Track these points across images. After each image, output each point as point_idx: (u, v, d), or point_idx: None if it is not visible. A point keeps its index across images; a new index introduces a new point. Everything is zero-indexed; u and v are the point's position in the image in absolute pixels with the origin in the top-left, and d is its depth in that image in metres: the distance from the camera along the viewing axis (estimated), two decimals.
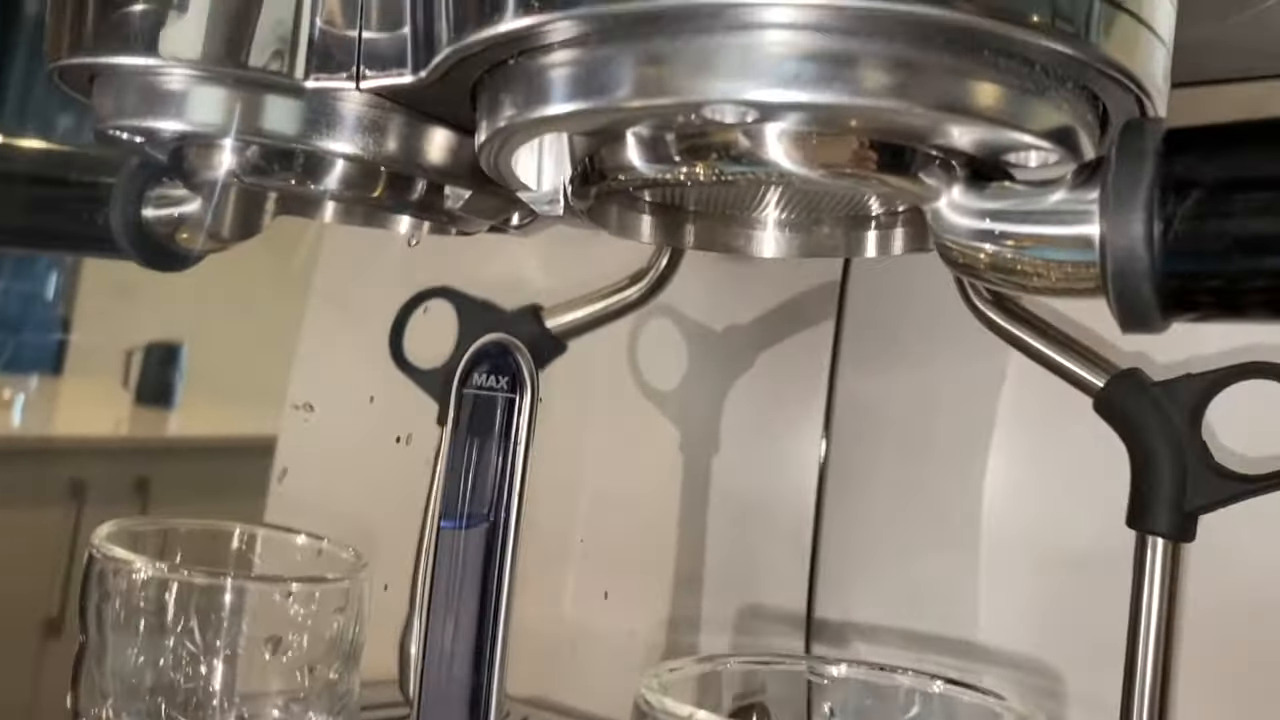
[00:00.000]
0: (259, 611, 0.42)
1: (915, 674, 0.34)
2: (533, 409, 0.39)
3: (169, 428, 1.12)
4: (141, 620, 0.41)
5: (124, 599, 0.41)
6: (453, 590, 0.39)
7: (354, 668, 0.44)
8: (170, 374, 1.00)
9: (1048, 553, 0.52)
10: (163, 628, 0.41)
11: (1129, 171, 0.26)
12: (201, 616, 0.41)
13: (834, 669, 0.35)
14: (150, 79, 0.35)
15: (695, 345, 0.63)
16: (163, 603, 0.41)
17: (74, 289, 0.91)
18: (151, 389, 1.07)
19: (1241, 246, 0.25)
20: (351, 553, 0.45)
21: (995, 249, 0.28)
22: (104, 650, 0.42)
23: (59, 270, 0.85)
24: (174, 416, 1.05)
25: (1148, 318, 0.27)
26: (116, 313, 0.91)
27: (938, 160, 0.28)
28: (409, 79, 0.30)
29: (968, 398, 0.54)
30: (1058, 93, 0.27)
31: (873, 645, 0.54)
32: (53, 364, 0.94)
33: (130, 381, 1.05)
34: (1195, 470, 0.43)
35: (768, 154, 0.27)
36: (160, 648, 0.41)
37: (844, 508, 0.58)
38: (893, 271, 0.57)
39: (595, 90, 0.26)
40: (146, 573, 0.40)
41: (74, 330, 1.02)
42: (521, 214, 0.40)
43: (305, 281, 0.61)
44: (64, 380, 0.98)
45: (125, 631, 0.41)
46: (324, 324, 0.55)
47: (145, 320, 0.82)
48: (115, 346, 0.93)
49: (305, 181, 0.37)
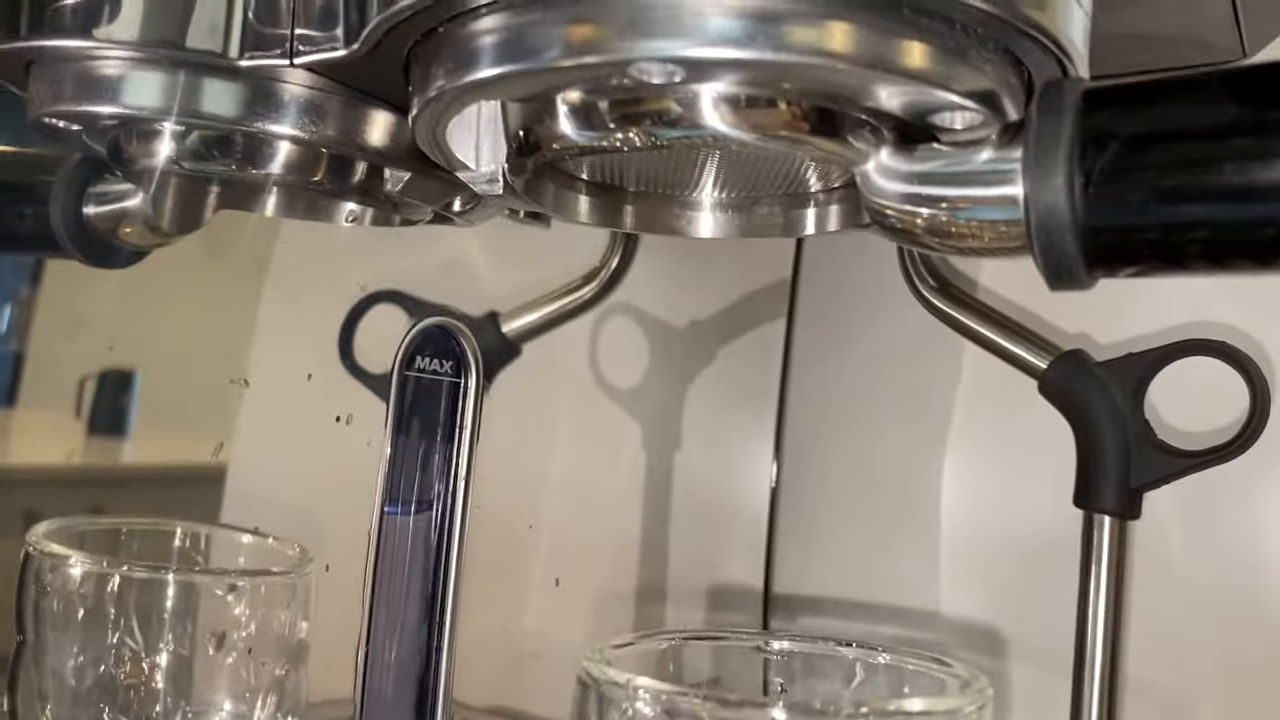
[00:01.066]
0: (203, 607, 0.41)
1: (860, 646, 0.34)
2: (478, 393, 0.38)
3: (123, 456, 1.11)
4: (81, 618, 0.40)
5: (62, 596, 0.40)
6: (397, 578, 0.39)
7: (301, 664, 0.43)
8: (123, 402, 0.99)
9: (1001, 534, 0.52)
10: (103, 625, 0.41)
11: (1049, 128, 0.26)
12: (143, 613, 0.41)
13: (780, 643, 0.35)
14: (86, 64, 0.35)
15: (655, 342, 0.63)
16: (103, 599, 0.40)
17: (28, 322, 0.90)
18: (105, 417, 1.06)
19: (1160, 196, 0.25)
20: (297, 549, 0.45)
21: (927, 212, 0.29)
22: (43, 650, 0.41)
23: (12, 304, 0.84)
24: (127, 444, 1.05)
25: (1074, 273, 0.27)
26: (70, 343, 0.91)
27: (866, 124, 0.29)
28: (342, 52, 0.30)
29: (918, 385, 0.55)
30: (979, 53, 0.27)
31: (832, 621, 0.55)
32: (5, 397, 0.92)
33: (83, 410, 1.04)
34: (1139, 448, 0.44)
35: (700, 117, 0.28)
36: (101, 646, 0.41)
37: (799, 501, 0.58)
38: (843, 264, 0.58)
39: (523, 54, 0.27)
40: (85, 568, 0.40)
41: (28, 362, 1.01)
42: (463, 199, 0.40)
43: (257, 302, 0.61)
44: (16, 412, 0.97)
45: (64, 630, 0.40)
46: (265, 306, 0.55)
47: (99, 349, 0.81)
48: (69, 376, 0.92)
49: (246, 166, 0.37)
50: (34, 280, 0.83)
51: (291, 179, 0.37)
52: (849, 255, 0.57)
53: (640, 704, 0.28)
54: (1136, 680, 0.44)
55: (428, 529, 0.39)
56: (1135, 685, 0.44)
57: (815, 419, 0.58)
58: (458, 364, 0.38)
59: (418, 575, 0.39)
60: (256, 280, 0.51)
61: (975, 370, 0.53)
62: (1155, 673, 0.47)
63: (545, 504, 0.63)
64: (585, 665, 0.30)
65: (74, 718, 0.41)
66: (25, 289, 0.87)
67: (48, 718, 0.41)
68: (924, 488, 0.53)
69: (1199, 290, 0.47)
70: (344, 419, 0.41)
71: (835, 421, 0.58)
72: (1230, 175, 0.25)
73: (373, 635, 0.39)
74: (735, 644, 0.35)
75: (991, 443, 0.53)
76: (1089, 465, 0.45)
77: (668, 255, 0.61)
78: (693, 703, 0.28)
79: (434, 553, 0.39)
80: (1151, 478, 0.44)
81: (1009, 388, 0.49)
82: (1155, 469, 0.43)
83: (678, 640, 0.34)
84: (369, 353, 0.59)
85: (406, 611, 0.39)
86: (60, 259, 0.46)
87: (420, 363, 0.38)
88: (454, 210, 0.40)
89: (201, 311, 0.67)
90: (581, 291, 0.61)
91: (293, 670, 0.43)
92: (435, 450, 0.39)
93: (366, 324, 0.60)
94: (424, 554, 0.39)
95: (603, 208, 0.37)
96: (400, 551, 0.39)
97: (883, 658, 0.33)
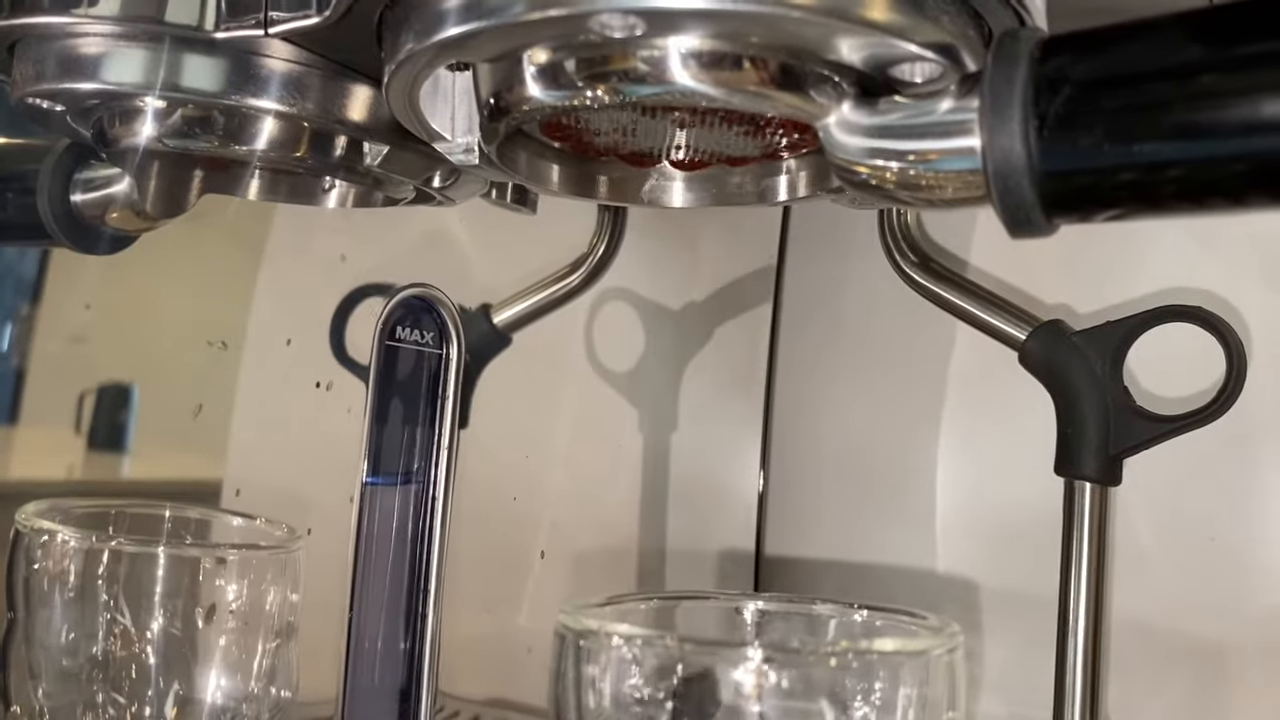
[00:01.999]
0: (192, 582, 0.42)
1: (834, 603, 0.34)
2: (459, 364, 0.39)
3: (122, 470, 1.12)
4: (71, 594, 0.41)
5: (52, 572, 0.40)
6: (381, 550, 0.39)
7: (292, 639, 0.44)
8: (122, 416, 1.00)
9: (985, 505, 0.52)
10: (94, 601, 0.41)
11: (1003, 75, 0.26)
12: (133, 588, 0.41)
13: (756, 603, 0.35)
14: (67, 42, 0.35)
15: (649, 326, 0.63)
16: (93, 575, 0.40)
17: (28, 340, 0.91)
18: (104, 432, 1.07)
19: (1112, 137, 0.26)
20: (285, 529, 0.45)
21: (892, 164, 0.29)
22: (33, 627, 0.41)
23: (13, 322, 0.85)
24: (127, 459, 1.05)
25: (1032, 218, 0.28)
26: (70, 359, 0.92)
27: (828, 79, 0.29)
28: (315, 19, 0.31)
29: (901, 360, 0.55)
30: (938, 4, 0.28)
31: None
32: (7, 414, 0.93)
33: (83, 425, 1.05)
34: (1118, 414, 0.44)
35: (665, 74, 0.28)
36: (92, 622, 0.41)
37: (789, 477, 0.58)
38: (826, 244, 0.58)
39: (488, 11, 0.27)
40: (75, 543, 0.40)
41: (29, 379, 1.02)
42: (443, 173, 0.41)
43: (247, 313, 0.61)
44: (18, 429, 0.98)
45: (55, 606, 0.41)
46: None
47: (97, 364, 0.82)
48: (69, 392, 0.93)
49: (228, 143, 0.37)
50: (34, 298, 0.84)
51: (274, 155, 0.38)
52: (833, 237, 0.58)
53: (617, 651, 0.29)
54: (1119, 645, 0.44)
55: (411, 501, 0.39)
56: (1118, 651, 0.44)
57: (803, 396, 0.58)
58: (439, 334, 0.38)
59: (402, 547, 0.40)
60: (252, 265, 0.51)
61: (957, 344, 0.53)
62: (1137, 640, 0.47)
63: (543, 488, 0.64)
64: (561, 618, 0.30)
65: (65, 694, 0.42)
66: (26, 306, 0.88)
67: (39, 695, 0.42)
68: (909, 460, 0.54)
69: (1176, 257, 0.47)
70: (324, 385, 0.41)
71: (822, 398, 0.58)
72: (1188, 114, 0.25)
73: (356, 607, 0.40)
74: (713, 604, 0.35)
75: (975, 415, 0.54)
76: (1069, 433, 0.45)
77: (655, 240, 0.62)
78: (668, 646, 0.28)
79: (418, 524, 0.40)
80: (1131, 443, 0.44)
81: (990, 360, 0.49)
82: (1134, 435, 0.44)
83: (656, 601, 0.35)
84: (358, 344, 0.59)
85: (390, 582, 0.40)
86: (46, 246, 0.47)
87: (401, 333, 0.38)
88: (434, 186, 0.41)
89: (197, 323, 0.68)
90: (570, 279, 0.61)
91: (284, 645, 0.43)
92: (418, 421, 0.39)
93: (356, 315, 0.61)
94: (408, 526, 0.40)
95: (576, 177, 0.37)
96: (385, 523, 0.39)
97: (858, 614, 0.34)
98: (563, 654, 0.30)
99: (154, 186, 0.43)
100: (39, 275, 0.79)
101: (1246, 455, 0.47)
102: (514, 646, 0.66)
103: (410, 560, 0.40)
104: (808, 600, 0.34)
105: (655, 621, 0.34)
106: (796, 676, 0.27)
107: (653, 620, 0.34)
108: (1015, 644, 0.50)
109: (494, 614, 0.66)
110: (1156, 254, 0.48)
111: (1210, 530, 0.48)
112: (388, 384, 0.38)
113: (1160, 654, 0.47)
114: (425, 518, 0.40)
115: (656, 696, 0.28)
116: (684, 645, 0.28)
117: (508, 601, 0.66)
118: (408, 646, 0.40)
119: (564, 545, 0.64)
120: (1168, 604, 0.48)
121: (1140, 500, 0.47)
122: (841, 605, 0.34)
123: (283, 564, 0.43)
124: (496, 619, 0.66)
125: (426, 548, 0.40)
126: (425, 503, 0.40)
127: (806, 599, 0.35)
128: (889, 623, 0.33)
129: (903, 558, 0.54)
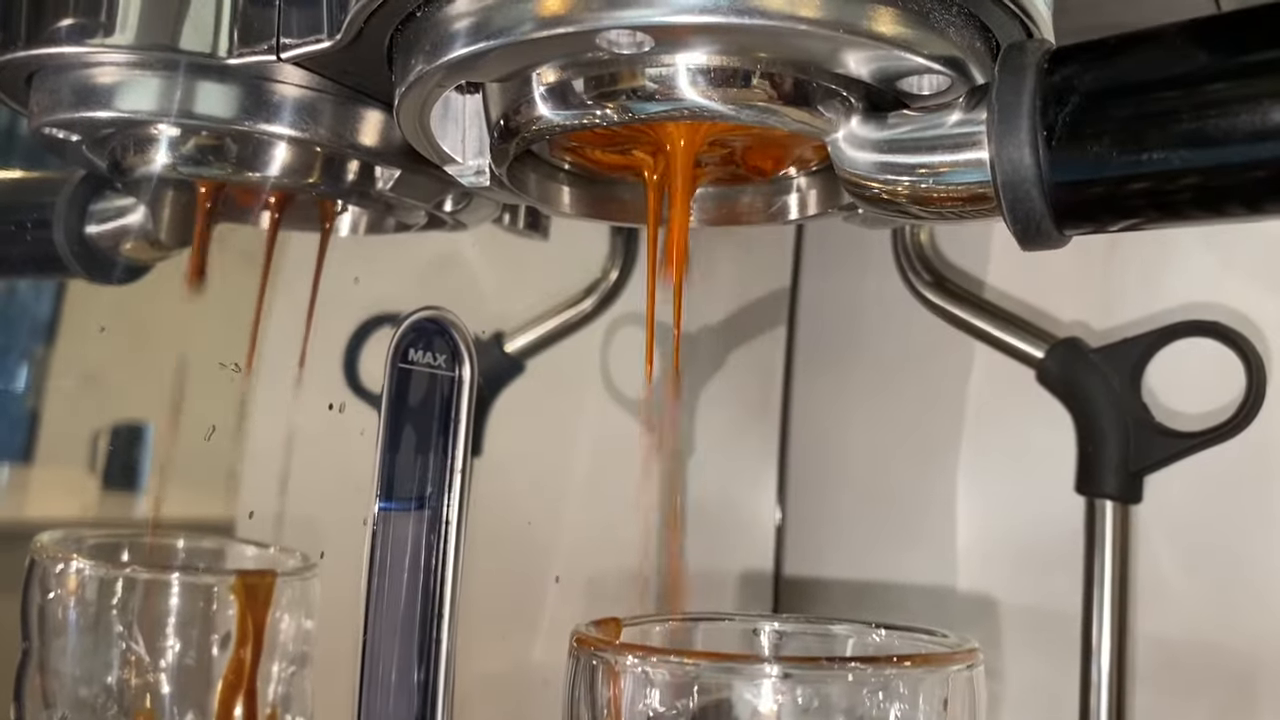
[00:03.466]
0: (207, 610, 0.41)
1: (852, 623, 0.34)
2: (472, 385, 0.39)
3: (136, 510, 1.12)
4: (85, 622, 0.40)
5: (67, 600, 0.40)
6: (395, 575, 0.39)
7: (307, 666, 0.43)
8: (137, 455, 1.00)
9: (1005, 524, 0.52)
10: (109, 629, 0.41)
11: (1011, 86, 0.26)
12: (148, 616, 0.41)
13: (773, 624, 0.34)
14: (83, 72, 0.36)
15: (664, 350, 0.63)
16: (107, 602, 0.40)
17: (43, 380, 0.92)
18: (118, 471, 1.08)
19: (1121, 147, 0.26)
20: (300, 557, 0.45)
21: (900, 179, 0.29)
22: (47, 656, 0.41)
23: (29, 363, 0.86)
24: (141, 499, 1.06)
25: (1043, 229, 0.27)
26: (83, 398, 0.92)
27: (836, 94, 0.29)
28: (326, 44, 0.31)
29: (917, 379, 0.55)
30: (945, 16, 0.28)
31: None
32: (23, 453, 0.94)
33: (97, 464, 1.05)
34: (1138, 431, 0.44)
35: (673, 91, 0.28)
36: (107, 650, 0.41)
37: (806, 500, 0.58)
38: (840, 266, 0.58)
39: (496, 30, 0.27)
40: (90, 571, 0.40)
41: (43, 419, 1.02)
42: (455, 197, 0.41)
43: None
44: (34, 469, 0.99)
45: (69, 634, 0.41)
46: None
47: (110, 403, 0.83)
48: (82, 431, 0.94)
49: (242, 170, 0.38)
50: (48, 338, 0.84)
51: (287, 182, 0.38)
52: (847, 258, 0.58)
53: (633, 671, 0.28)
54: (1144, 665, 0.43)
55: (425, 526, 0.39)
56: (1143, 670, 0.43)
57: (820, 417, 0.58)
58: (452, 356, 0.38)
59: (415, 574, 0.40)
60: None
61: (974, 363, 0.53)
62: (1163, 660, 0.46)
63: (558, 514, 0.63)
64: (576, 635, 0.30)
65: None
66: (40, 347, 0.89)
67: None
68: (928, 480, 0.53)
69: (1194, 273, 0.47)
70: (337, 407, 0.41)
71: (839, 418, 0.58)
72: (1196, 122, 0.25)
73: (369, 635, 0.39)
74: (730, 625, 0.35)
75: (993, 434, 0.53)
76: (1089, 451, 0.45)
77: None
78: (685, 665, 0.28)
79: (432, 550, 0.39)
80: (1151, 460, 0.44)
81: (1007, 379, 0.49)
82: (1154, 451, 0.43)
83: (673, 622, 0.34)
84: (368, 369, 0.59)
85: (404, 609, 0.40)
86: (59, 279, 0.47)
87: (413, 356, 0.38)
88: (446, 210, 0.41)
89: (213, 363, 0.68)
90: (583, 304, 0.61)
91: (299, 673, 0.43)
92: (431, 445, 0.39)
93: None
94: (421, 552, 0.40)
95: (586, 198, 0.37)
96: (398, 549, 0.39)
97: (876, 634, 0.33)
98: (576, 671, 0.30)
99: (168, 215, 0.43)
100: (53, 314, 0.80)
101: (1268, 471, 0.47)
102: (529, 679, 0.65)
103: (424, 587, 0.40)
104: (825, 621, 0.34)
105: (671, 642, 0.34)
106: (814, 693, 0.27)
107: (668, 641, 0.34)
108: (1038, 664, 0.49)
109: (508, 641, 0.65)
110: (1174, 269, 0.47)
111: (1234, 548, 0.47)
112: (400, 407, 0.38)
113: (1186, 673, 0.47)
114: (439, 543, 0.40)
115: (673, 716, 0.28)
116: (700, 664, 0.28)
117: (522, 629, 0.66)
118: (421, 677, 0.40)
119: (579, 571, 0.63)
120: (1192, 623, 0.47)
121: (1161, 518, 0.47)
122: (859, 624, 0.34)
123: (298, 590, 0.43)
124: (511, 648, 0.65)
125: (440, 574, 0.40)
126: (439, 528, 0.40)
127: (824, 619, 0.34)
128: (907, 641, 0.32)
129: (923, 578, 0.53)
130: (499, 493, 0.55)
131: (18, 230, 0.47)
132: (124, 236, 0.45)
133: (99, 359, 0.53)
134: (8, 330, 0.62)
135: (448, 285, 0.64)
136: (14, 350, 0.84)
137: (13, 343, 0.78)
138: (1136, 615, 0.43)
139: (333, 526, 0.42)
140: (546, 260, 0.58)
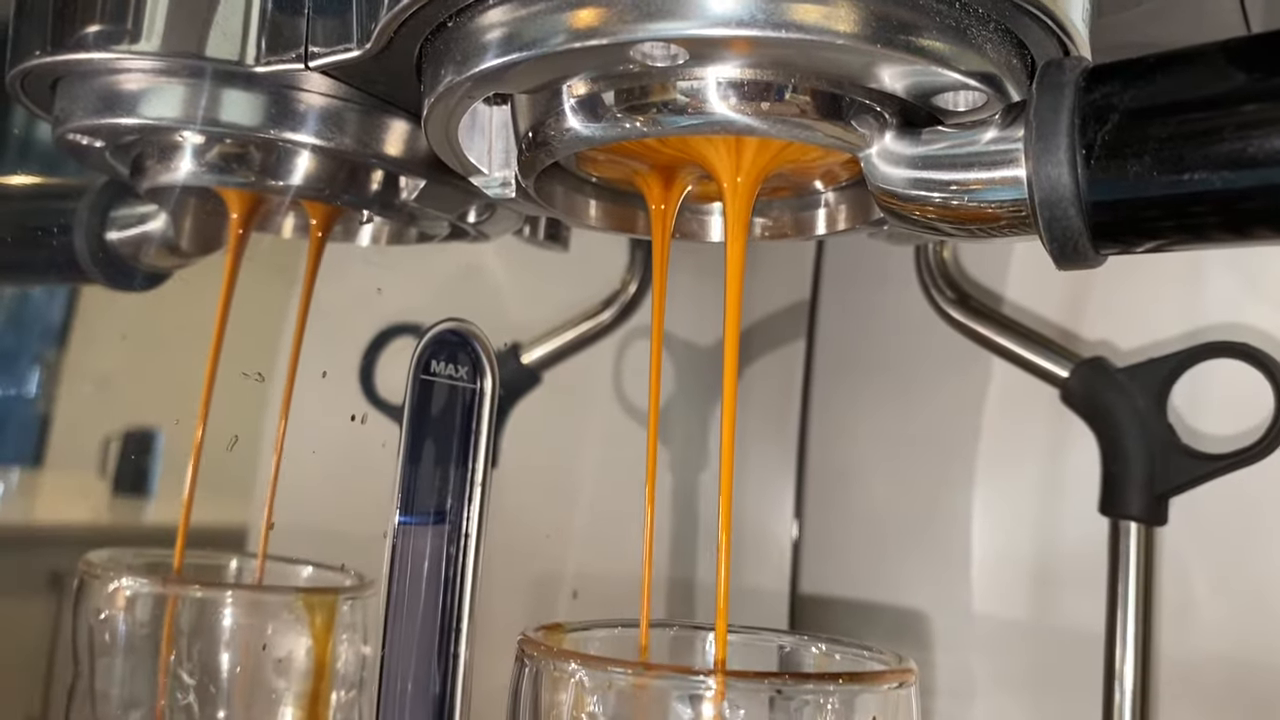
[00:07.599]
0: (263, 630, 0.40)
1: (795, 635, 0.34)
2: (494, 399, 0.38)
3: (147, 515, 1.12)
4: (138, 643, 0.40)
5: (119, 621, 0.39)
6: (414, 590, 0.39)
7: (363, 690, 0.43)
8: (147, 461, 1.00)
9: (1028, 545, 0.51)
10: (161, 650, 0.40)
11: (1049, 104, 0.26)
12: (200, 636, 0.40)
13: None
14: (108, 78, 0.36)
15: (680, 364, 0.63)
16: (160, 622, 0.39)
17: (55, 384, 0.92)
18: (129, 477, 1.08)
19: (1161, 166, 0.25)
20: (355, 576, 0.44)
21: (934, 196, 0.29)
22: (97, 680, 0.40)
23: (41, 367, 0.86)
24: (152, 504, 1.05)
25: (1080, 248, 0.27)
26: (95, 403, 0.92)
27: (870, 109, 0.29)
28: (355, 53, 0.31)
29: (938, 398, 0.55)
30: (981, 32, 0.28)
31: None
32: (34, 457, 0.94)
33: (108, 470, 1.05)
34: (1164, 453, 0.43)
35: (705, 105, 0.28)
36: (159, 671, 0.40)
37: (824, 517, 0.57)
38: (861, 281, 0.58)
39: (528, 42, 0.27)
40: (142, 590, 0.39)
41: (55, 423, 1.02)
42: (479, 209, 0.41)
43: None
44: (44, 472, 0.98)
45: (121, 656, 0.40)
46: None
47: (122, 408, 0.83)
48: (94, 436, 0.94)
49: (265, 178, 0.37)
50: (60, 342, 0.84)
51: (310, 191, 0.38)
52: (867, 272, 0.57)
53: (573, 677, 0.28)
54: (1168, 690, 0.43)
55: (444, 540, 0.39)
56: (1167, 696, 0.43)
57: (837, 435, 0.58)
58: (473, 368, 0.38)
59: (435, 588, 0.39)
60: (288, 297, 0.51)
61: (995, 382, 0.52)
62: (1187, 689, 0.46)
63: (574, 527, 0.63)
64: (521, 638, 0.30)
65: None
66: (52, 351, 0.89)
67: None
68: (946, 499, 0.53)
69: (1221, 293, 0.47)
70: (359, 418, 0.41)
71: (857, 436, 0.57)
72: (1238, 142, 0.25)
73: (388, 649, 0.39)
74: (678, 634, 0.35)
75: (1015, 453, 0.53)
76: (1113, 472, 0.44)
77: (687, 276, 0.61)
78: (614, 674, 0.28)
79: (450, 564, 0.39)
80: (1177, 483, 0.43)
81: (1029, 398, 0.48)
82: (1180, 474, 0.43)
83: (619, 629, 0.34)
84: (389, 382, 0.59)
85: (422, 624, 0.39)
86: (79, 285, 0.47)
87: (435, 368, 0.38)
88: (469, 221, 0.41)
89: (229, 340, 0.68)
90: (601, 317, 0.61)
91: (356, 696, 0.42)
92: (451, 458, 0.39)
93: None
94: (440, 566, 0.39)
95: (612, 212, 0.37)
96: (417, 563, 0.39)
97: (816, 647, 0.34)
98: (519, 676, 0.30)
99: (190, 223, 0.43)
100: (66, 319, 0.80)
101: None
102: None
103: (442, 601, 0.39)
104: (770, 632, 0.34)
105: (618, 649, 0.34)
106: (743, 706, 0.27)
107: (614, 648, 0.33)
108: (1060, 687, 0.49)
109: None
110: (1201, 289, 0.47)
111: (1259, 570, 0.47)
112: (422, 420, 0.38)
113: (1211, 696, 0.46)
114: (458, 556, 0.39)
115: None
116: (629, 673, 0.28)
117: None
118: (439, 690, 0.39)
119: (595, 585, 0.63)
120: (1217, 645, 0.47)
121: (1186, 540, 0.46)
122: (801, 637, 0.34)
123: (356, 610, 0.42)
124: None
125: (459, 587, 0.39)
126: (458, 541, 0.39)
127: (773, 630, 0.34)
128: (847, 657, 0.32)
129: (943, 599, 0.53)
130: (514, 505, 0.55)
131: (39, 236, 0.47)
132: (145, 243, 0.44)
133: (114, 365, 0.53)
134: (18, 334, 0.62)
135: (468, 296, 0.64)
136: (25, 355, 0.84)
137: (24, 347, 0.78)
138: (1160, 638, 0.43)
139: (352, 540, 0.41)
140: (566, 272, 0.58)
